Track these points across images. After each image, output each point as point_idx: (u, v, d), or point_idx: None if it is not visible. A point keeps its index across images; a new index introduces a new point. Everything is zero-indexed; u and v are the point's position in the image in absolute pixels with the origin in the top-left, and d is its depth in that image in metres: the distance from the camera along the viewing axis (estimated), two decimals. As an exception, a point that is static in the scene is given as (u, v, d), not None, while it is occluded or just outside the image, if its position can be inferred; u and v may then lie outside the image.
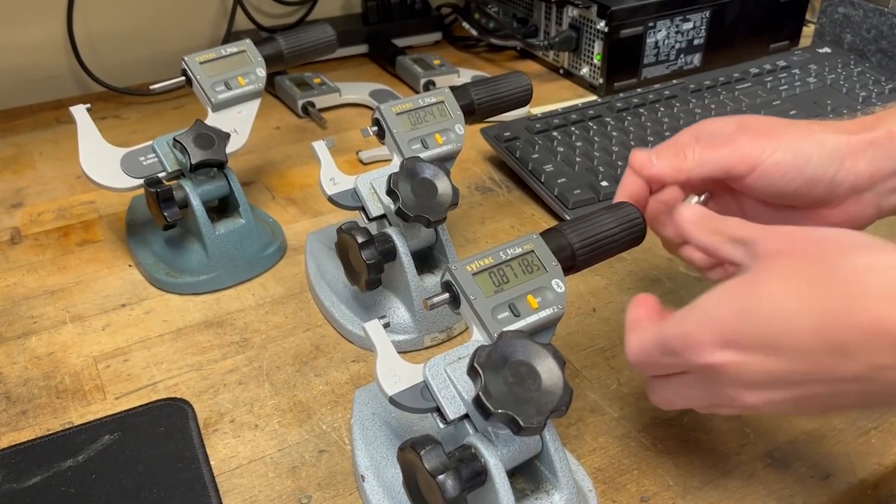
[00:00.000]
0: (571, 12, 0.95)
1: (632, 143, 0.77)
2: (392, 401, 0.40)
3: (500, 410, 0.35)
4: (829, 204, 0.45)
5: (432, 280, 0.57)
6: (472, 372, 0.37)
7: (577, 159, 0.75)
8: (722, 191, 0.48)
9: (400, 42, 1.05)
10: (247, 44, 0.68)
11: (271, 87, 0.94)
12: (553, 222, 0.71)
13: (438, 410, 0.40)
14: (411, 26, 1.08)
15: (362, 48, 1.06)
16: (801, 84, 0.88)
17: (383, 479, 0.45)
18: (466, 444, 0.40)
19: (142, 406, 0.52)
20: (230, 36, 0.99)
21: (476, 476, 0.38)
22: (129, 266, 0.66)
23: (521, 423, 0.35)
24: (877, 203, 0.45)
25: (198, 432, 0.50)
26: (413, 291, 0.56)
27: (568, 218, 0.68)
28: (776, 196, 0.45)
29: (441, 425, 0.40)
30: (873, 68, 0.91)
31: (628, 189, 0.48)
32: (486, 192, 0.76)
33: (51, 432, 0.50)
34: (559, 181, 0.71)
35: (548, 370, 0.38)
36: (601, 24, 0.90)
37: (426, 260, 0.59)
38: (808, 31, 1.06)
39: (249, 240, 0.64)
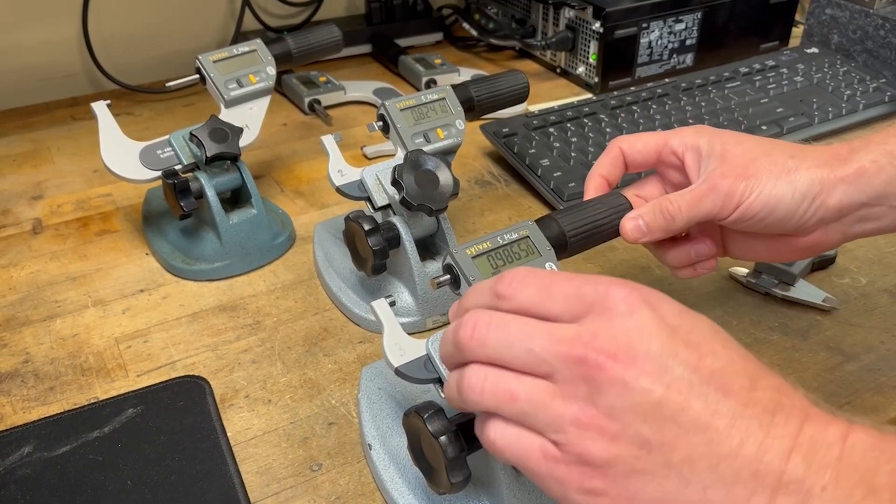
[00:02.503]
0: (568, 13, 0.98)
1: (625, 138, 0.81)
2: (398, 372, 0.43)
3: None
4: (799, 234, 0.48)
5: (434, 266, 0.60)
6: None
7: (573, 154, 0.78)
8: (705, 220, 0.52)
9: (402, 42, 1.09)
10: (257, 43, 0.71)
11: (278, 85, 0.98)
12: (549, 214, 0.74)
13: (440, 381, 0.44)
14: (413, 27, 1.11)
15: (366, 48, 1.09)
16: (788, 83, 0.92)
17: (389, 447, 0.49)
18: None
19: (162, 383, 0.56)
20: (238, 36, 1.03)
21: (475, 439, 0.42)
22: (146, 254, 0.70)
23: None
24: (843, 231, 0.48)
25: (215, 407, 0.54)
26: (416, 276, 0.59)
27: (563, 209, 0.72)
28: (750, 229, 0.48)
29: (442, 395, 0.44)
30: (858, 68, 0.95)
31: (597, 186, 0.53)
32: (485, 186, 0.80)
33: (78, 406, 0.54)
34: (555, 175, 0.75)
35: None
36: (596, 25, 0.94)
37: (428, 247, 0.63)
38: (798, 31, 1.10)
39: (261, 229, 0.67)
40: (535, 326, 0.34)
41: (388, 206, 0.60)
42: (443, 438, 0.40)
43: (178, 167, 0.66)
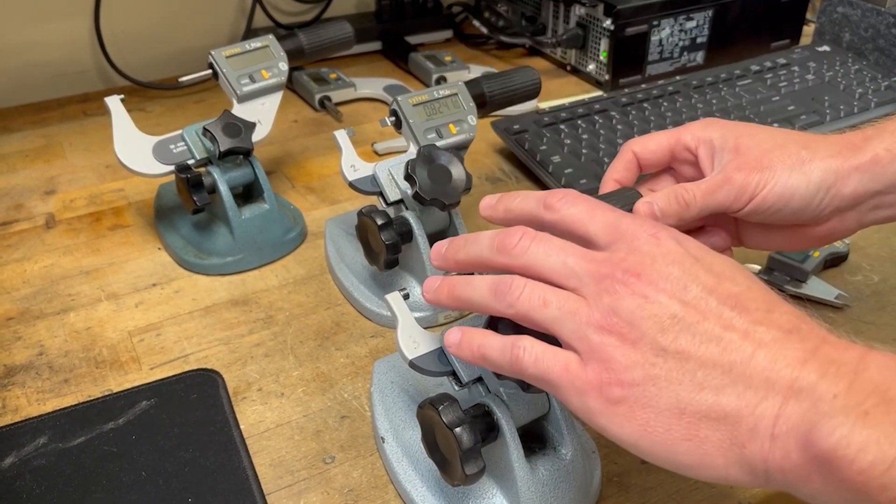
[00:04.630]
0: (578, 11, 0.98)
1: (635, 136, 0.80)
2: (412, 364, 0.43)
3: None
4: (814, 224, 0.48)
5: (446, 261, 0.60)
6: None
7: (584, 151, 0.78)
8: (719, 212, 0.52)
9: (412, 39, 1.09)
10: (270, 39, 0.72)
11: (289, 81, 0.97)
12: (560, 210, 0.74)
13: (454, 374, 0.44)
14: (423, 24, 1.11)
15: (376, 45, 1.10)
16: (799, 81, 0.91)
17: (402, 440, 0.49)
18: (480, 402, 0.43)
19: (175, 376, 0.56)
20: (249, 33, 1.03)
21: (489, 431, 0.42)
22: (158, 249, 0.70)
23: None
24: (858, 219, 0.48)
25: (228, 400, 0.54)
26: (428, 272, 0.59)
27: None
28: (765, 221, 0.48)
29: (456, 388, 0.44)
30: (870, 66, 0.95)
31: (615, 178, 0.52)
32: (496, 183, 0.80)
33: (92, 398, 0.54)
34: (566, 171, 0.75)
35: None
36: (607, 23, 0.94)
37: (440, 243, 0.63)
38: (809, 30, 1.10)
39: (273, 224, 0.68)
40: (572, 246, 0.38)
41: (401, 201, 0.60)
42: (458, 430, 0.40)
43: (190, 162, 0.66)
